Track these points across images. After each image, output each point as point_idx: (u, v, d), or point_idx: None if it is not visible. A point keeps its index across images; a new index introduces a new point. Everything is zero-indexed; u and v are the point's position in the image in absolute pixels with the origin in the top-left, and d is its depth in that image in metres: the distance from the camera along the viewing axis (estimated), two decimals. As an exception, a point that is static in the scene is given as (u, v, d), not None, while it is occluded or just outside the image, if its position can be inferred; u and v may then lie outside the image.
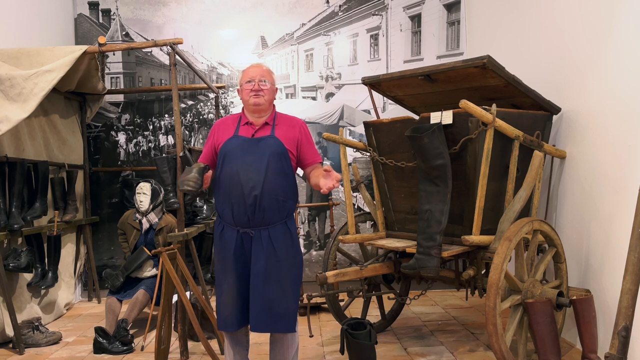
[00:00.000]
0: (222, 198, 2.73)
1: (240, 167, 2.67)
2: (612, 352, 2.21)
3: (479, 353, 3.67)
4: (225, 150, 2.72)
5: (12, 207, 4.15)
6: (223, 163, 2.72)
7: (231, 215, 2.69)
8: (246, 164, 2.66)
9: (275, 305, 2.65)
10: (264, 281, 2.65)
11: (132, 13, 5.81)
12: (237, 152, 2.69)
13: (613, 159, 3.26)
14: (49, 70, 3.90)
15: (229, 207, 2.69)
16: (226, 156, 2.71)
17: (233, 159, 2.69)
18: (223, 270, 2.75)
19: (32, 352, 3.95)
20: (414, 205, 3.74)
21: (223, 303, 2.75)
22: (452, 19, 5.76)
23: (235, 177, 2.66)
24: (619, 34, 3.20)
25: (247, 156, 2.68)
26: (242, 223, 2.68)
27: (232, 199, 2.67)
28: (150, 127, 5.80)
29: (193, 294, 3.84)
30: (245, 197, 2.64)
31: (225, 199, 2.70)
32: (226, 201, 2.70)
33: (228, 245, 2.72)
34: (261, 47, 5.90)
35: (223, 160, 2.72)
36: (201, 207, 4.57)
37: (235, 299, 2.71)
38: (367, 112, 5.76)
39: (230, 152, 2.70)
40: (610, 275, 3.25)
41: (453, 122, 3.27)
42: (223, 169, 2.72)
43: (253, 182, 2.64)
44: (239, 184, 2.65)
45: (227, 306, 2.73)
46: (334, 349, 3.80)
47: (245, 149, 2.70)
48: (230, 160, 2.70)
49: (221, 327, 2.80)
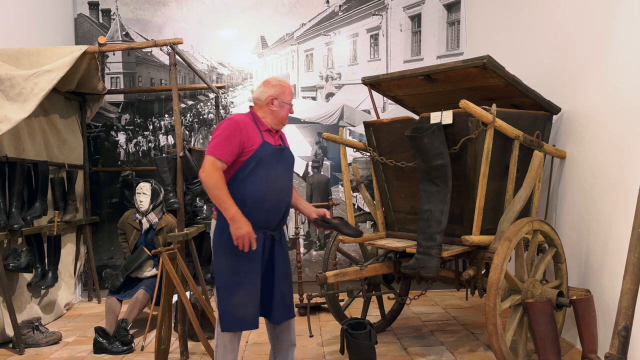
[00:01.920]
0: (252, 202, 2.74)
1: (276, 174, 2.80)
2: (612, 352, 2.21)
3: (479, 353, 3.67)
4: (260, 155, 2.75)
5: (12, 207, 4.15)
6: (256, 167, 2.74)
7: (263, 219, 2.77)
8: (279, 172, 2.83)
9: (289, 297, 2.97)
10: (284, 278, 2.92)
11: (132, 13, 5.81)
12: (272, 160, 2.79)
13: (613, 159, 3.26)
14: (49, 70, 3.90)
15: (262, 211, 2.76)
16: (260, 162, 2.75)
17: (270, 166, 2.78)
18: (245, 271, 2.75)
19: (32, 352, 3.95)
20: (414, 205, 3.74)
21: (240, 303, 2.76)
22: (452, 19, 5.76)
23: (272, 184, 2.79)
24: (619, 33, 3.20)
25: (280, 164, 2.83)
26: (271, 226, 2.84)
27: (267, 204, 2.78)
28: (150, 127, 5.81)
29: (193, 294, 3.85)
30: (281, 203, 2.84)
31: (259, 203, 2.75)
32: (259, 205, 2.75)
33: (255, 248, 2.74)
34: (261, 47, 5.90)
35: (256, 164, 2.74)
36: (201, 207, 4.57)
37: (256, 299, 2.80)
38: (367, 112, 5.77)
39: (266, 159, 2.77)
40: (610, 275, 3.25)
41: (453, 122, 3.27)
42: (257, 173, 2.75)
43: (286, 190, 2.88)
44: (275, 191, 2.80)
45: (246, 306, 2.77)
46: (334, 349, 3.80)
47: (277, 157, 2.82)
48: (265, 167, 2.76)
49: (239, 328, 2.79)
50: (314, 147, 5.82)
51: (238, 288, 2.76)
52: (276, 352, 3.04)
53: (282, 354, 3.03)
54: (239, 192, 2.73)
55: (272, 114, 2.85)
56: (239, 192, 2.74)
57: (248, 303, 2.77)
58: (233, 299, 2.76)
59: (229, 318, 2.78)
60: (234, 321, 2.78)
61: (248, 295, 2.77)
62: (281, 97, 2.86)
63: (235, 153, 2.72)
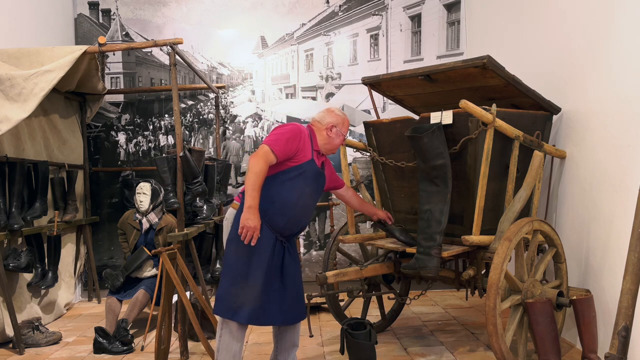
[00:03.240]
0: (280, 204, 2.87)
1: (308, 191, 2.94)
2: (612, 352, 2.21)
3: (479, 353, 3.67)
4: (305, 169, 2.91)
5: (12, 207, 4.15)
6: (298, 177, 2.89)
7: (281, 225, 2.89)
8: (312, 190, 2.97)
9: (300, 300, 3.03)
10: (296, 279, 3.00)
11: (132, 13, 5.81)
12: (311, 178, 2.95)
13: (613, 159, 3.26)
14: (49, 70, 3.90)
15: (283, 219, 2.88)
16: (303, 174, 2.91)
17: (308, 182, 2.93)
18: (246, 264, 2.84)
19: (32, 352, 3.95)
20: (414, 205, 3.74)
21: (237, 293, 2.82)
22: (452, 19, 5.76)
23: (303, 198, 2.92)
24: (619, 34, 3.20)
25: (314, 184, 2.98)
26: (284, 234, 2.93)
27: (291, 213, 2.89)
28: (150, 127, 5.81)
29: (193, 294, 3.85)
30: (301, 218, 2.96)
31: (285, 208, 2.88)
32: (284, 210, 2.87)
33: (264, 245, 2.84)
34: (261, 47, 5.90)
35: (299, 175, 2.90)
36: (201, 207, 4.57)
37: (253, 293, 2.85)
38: (367, 112, 5.77)
39: (308, 174, 2.92)
40: (610, 275, 3.25)
41: (453, 122, 3.27)
42: (296, 182, 2.89)
43: (309, 210, 3.02)
44: (303, 205, 2.93)
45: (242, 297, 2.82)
46: (334, 349, 3.80)
47: (315, 177, 2.98)
48: (305, 181, 2.91)
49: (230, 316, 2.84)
50: (314, 147, 5.82)
51: (239, 278, 2.84)
52: (278, 351, 3.08)
53: (283, 354, 3.07)
54: (273, 190, 2.87)
55: (327, 139, 3.05)
56: (273, 191, 2.87)
57: (245, 296, 2.82)
58: (231, 286, 2.85)
59: (223, 303, 2.86)
60: (227, 308, 2.84)
61: (247, 288, 2.82)
62: (340, 127, 3.07)
63: (289, 155, 2.87)
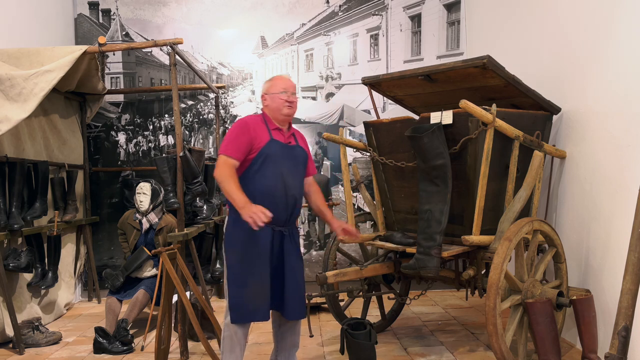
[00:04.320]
0: (261, 197, 2.82)
1: (283, 170, 2.87)
2: (612, 352, 2.21)
3: (479, 353, 3.67)
4: (267, 152, 2.84)
5: (12, 207, 4.15)
6: (264, 163, 2.84)
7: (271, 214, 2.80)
8: (287, 168, 2.89)
9: (300, 296, 2.99)
10: (297, 274, 2.95)
11: (132, 13, 5.81)
12: (280, 156, 2.87)
13: (613, 159, 3.26)
14: (49, 70, 3.90)
15: (269, 206, 2.79)
16: (268, 158, 2.84)
17: (277, 162, 2.85)
18: (253, 264, 2.84)
19: (32, 352, 3.95)
20: (414, 205, 3.74)
21: (251, 295, 2.82)
22: (452, 19, 5.76)
23: (280, 179, 2.85)
24: (619, 33, 3.20)
25: (288, 161, 2.89)
26: (279, 222, 2.88)
27: (275, 199, 2.84)
28: (150, 127, 5.81)
29: (193, 294, 3.85)
30: (288, 199, 2.88)
31: (267, 198, 2.83)
32: (267, 200, 2.81)
33: (262, 241, 2.84)
34: (261, 47, 5.90)
35: (264, 160, 2.84)
36: (201, 207, 4.57)
37: (267, 292, 2.86)
38: (367, 112, 5.76)
39: (273, 155, 2.85)
40: (610, 275, 3.25)
41: (453, 122, 3.27)
42: (265, 169, 2.84)
43: (294, 186, 2.91)
44: (283, 186, 2.86)
45: (257, 298, 2.83)
46: (334, 349, 3.80)
47: (285, 154, 2.89)
48: (273, 162, 2.85)
49: (250, 319, 2.86)
50: (314, 147, 5.82)
51: (248, 280, 2.84)
52: (278, 350, 3.08)
53: (283, 354, 3.07)
54: (249, 188, 2.84)
55: (267, 109, 2.95)
56: (249, 188, 2.84)
57: (258, 295, 2.83)
58: (244, 290, 2.83)
59: (240, 310, 2.84)
60: (246, 313, 2.84)
61: (258, 287, 2.83)
62: (270, 91, 2.92)
63: (244, 150, 2.83)
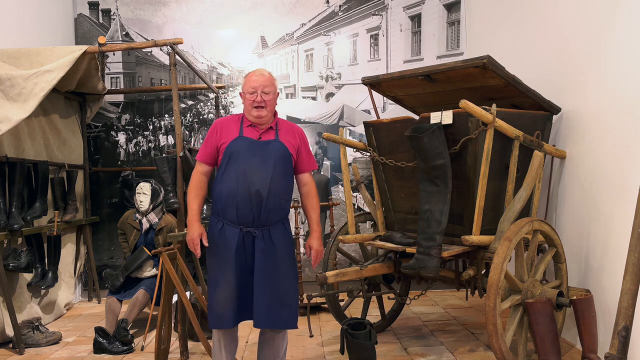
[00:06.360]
0: (225, 197, 2.76)
1: (246, 167, 2.73)
2: (612, 352, 2.21)
3: (479, 353, 3.67)
4: (231, 151, 2.75)
5: (12, 207, 4.15)
6: (228, 163, 2.76)
7: (235, 215, 2.75)
8: (253, 165, 2.73)
9: (279, 302, 2.75)
10: (268, 278, 2.74)
11: (132, 13, 5.81)
12: (244, 153, 2.75)
13: (613, 159, 3.26)
14: (49, 70, 3.90)
15: (233, 207, 2.74)
16: (232, 156, 2.75)
17: (240, 160, 2.74)
18: (221, 268, 2.77)
19: (32, 352, 3.95)
20: (414, 205, 3.74)
21: (219, 300, 2.76)
22: (452, 19, 5.76)
23: (242, 178, 2.73)
24: (619, 33, 3.20)
25: (254, 157, 2.75)
26: (246, 222, 2.75)
27: (237, 199, 2.73)
28: (150, 127, 5.81)
29: (193, 294, 3.84)
30: (252, 197, 2.72)
31: (230, 198, 2.74)
32: (230, 200, 2.74)
33: (229, 243, 2.76)
34: (261, 47, 5.90)
35: (228, 160, 2.76)
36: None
37: (234, 296, 2.76)
38: (367, 112, 5.76)
39: (237, 153, 2.75)
40: (610, 275, 3.25)
41: (453, 122, 3.27)
42: (228, 168, 2.76)
43: (260, 184, 2.72)
44: (246, 185, 2.72)
45: (224, 302, 2.75)
46: (334, 349, 3.80)
47: (252, 150, 2.76)
48: (236, 161, 2.74)
49: (216, 325, 2.80)
50: (313, 147, 5.82)
51: (215, 286, 2.78)
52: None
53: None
54: (216, 189, 2.80)
55: (245, 111, 2.85)
56: (216, 190, 2.80)
57: (224, 300, 2.75)
58: (213, 296, 2.80)
59: (210, 315, 2.81)
60: (213, 318, 2.80)
61: (224, 291, 2.75)
62: (243, 89, 2.81)
63: (212, 154, 2.81)
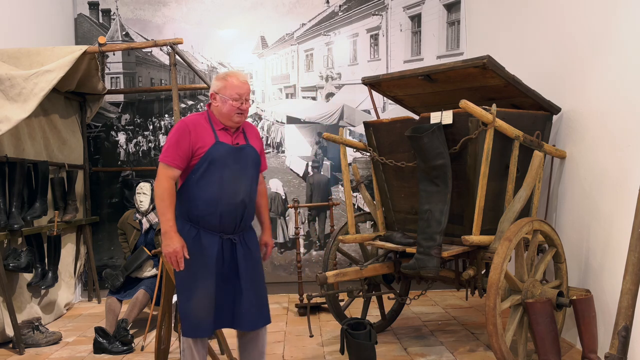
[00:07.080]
0: (203, 204, 2.67)
1: (230, 175, 2.68)
2: (612, 352, 2.21)
3: (479, 353, 3.67)
4: (212, 157, 2.66)
5: (12, 207, 4.15)
6: (208, 169, 2.66)
7: (218, 222, 2.68)
8: (235, 173, 2.70)
9: (259, 303, 2.80)
10: (252, 282, 2.77)
11: (132, 13, 5.81)
12: (226, 160, 2.68)
13: (613, 159, 3.26)
14: (49, 70, 3.90)
15: (215, 214, 2.67)
16: (213, 163, 2.66)
17: (223, 167, 2.67)
18: (198, 276, 2.68)
19: (32, 352, 3.95)
20: (414, 205, 3.74)
21: (196, 308, 2.67)
22: (452, 19, 5.76)
23: (226, 185, 2.67)
24: (619, 33, 3.20)
25: (235, 164, 2.70)
26: (228, 230, 2.72)
27: (220, 207, 2.67)
28: (150, 127, 5.81)
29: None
30: (237, 205, 2.70)
31: (211, 206, 2.66)
32: (212, 208, 2.66)
33: (208, 251, 2.68)
34: (261, 47, 5.90)
35: (208, 166, 2.66)
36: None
37: (212, 304, 2.70)
38: (367, 112, 5.76)
39: (219, 159, 2.67)
40: (610, 275, 3.25)
41: (453, 122, 3.27)
42: (209, 175, 2.66)
43: (243, 191, 2.72)
44: (231, 193, 2.68)
45: (202, 311, 2.68)
46: (334, 349, 3.80)
47: (232, 157, 2.70)
48: (219, 168, 2.67)
49: (192, 334, 2.70)
50: (314, 147, 5.82)
51: (192, 293, 2.68)
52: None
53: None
54: (191, 195, 2.69)
55: (216, 110, 2.71)
56: (192, 195, 2.69)
57: (201, 309, 2.67)
58: (189, 304, 2.69)
59: (186, 323, 2.71)
60: (189, 327, 2.70)
61: (202, 301, 2.67)
62: (222, 92, 2.67)
63: (185, 157, 2.65)
